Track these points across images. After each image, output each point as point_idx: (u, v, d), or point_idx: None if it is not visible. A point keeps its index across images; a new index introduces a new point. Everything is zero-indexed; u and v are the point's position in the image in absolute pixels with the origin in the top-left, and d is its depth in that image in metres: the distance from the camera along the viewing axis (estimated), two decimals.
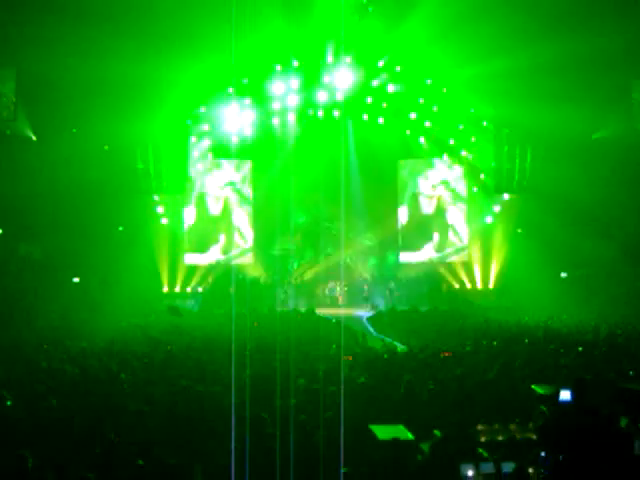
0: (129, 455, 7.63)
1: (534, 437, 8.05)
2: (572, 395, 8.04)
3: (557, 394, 8.21)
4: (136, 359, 13.88)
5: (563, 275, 31.37)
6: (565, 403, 8.12)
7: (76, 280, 29.93)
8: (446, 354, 14.29)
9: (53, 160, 27.81)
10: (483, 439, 8.07)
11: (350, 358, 13.40)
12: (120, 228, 31.19)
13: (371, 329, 24.79)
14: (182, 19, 25.11)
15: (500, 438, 8.11)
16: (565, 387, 8.16)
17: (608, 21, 25.00)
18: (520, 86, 27.05)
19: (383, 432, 7.87)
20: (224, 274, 33.36)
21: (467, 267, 34.00)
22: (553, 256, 30.15)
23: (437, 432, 8.13)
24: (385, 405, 9.86)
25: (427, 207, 34.93)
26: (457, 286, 33.89)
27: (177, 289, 32.97)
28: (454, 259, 34.46)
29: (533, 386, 9.91)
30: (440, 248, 34.63)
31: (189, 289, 33.33)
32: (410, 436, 7.86)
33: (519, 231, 32.45)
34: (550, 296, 28.41)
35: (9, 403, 9.62)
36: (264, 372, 11.20)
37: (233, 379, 9.27)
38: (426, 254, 34.70)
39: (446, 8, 24.29)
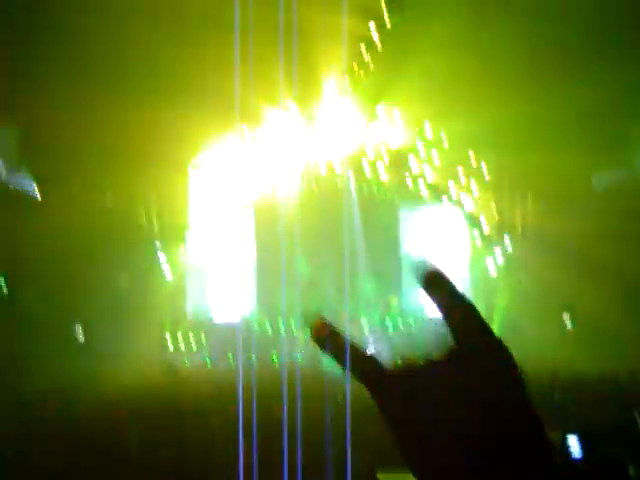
0: None
1: None
2: (581, 446, 7.91)
3: (566, 445, 8.08)
4: (138, 419, 13.68)
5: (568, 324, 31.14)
6: (574, 455, 7.99)
7: (81, 338, 29.71)
8: None
9: (55, 214, 27.89)
10: None
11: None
12: (122, 283, 31.07)
13: None
14: (183, 69, 25.33)
15: None
16: (574, 438, 8.04)
17: (609, 71, 25.11)
18: (521, 135, 27.16)
19: None
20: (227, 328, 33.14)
21: None
22: (555, 306, 29.98)
23: None
24: (394, 452, 9.67)
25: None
26: None
27: (182, 347, 32.60)
28: None
29: None
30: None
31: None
32: None
33: (521, 281, 32.30)
34: (554, 346, 28.20)
35: None
36: (268, 424, 11.05)
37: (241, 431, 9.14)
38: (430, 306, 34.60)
39: (445, 60, 24.47)
